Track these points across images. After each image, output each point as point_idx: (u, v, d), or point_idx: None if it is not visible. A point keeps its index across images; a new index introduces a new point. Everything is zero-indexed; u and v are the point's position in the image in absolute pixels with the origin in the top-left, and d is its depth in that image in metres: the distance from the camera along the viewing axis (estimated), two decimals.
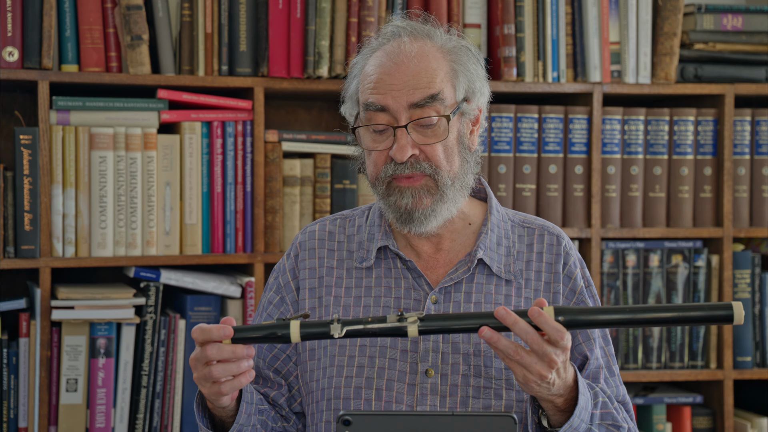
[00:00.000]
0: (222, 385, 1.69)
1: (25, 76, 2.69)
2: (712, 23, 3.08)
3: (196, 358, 1.69)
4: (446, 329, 1.68)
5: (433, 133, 1.81)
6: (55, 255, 2.71)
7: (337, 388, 1.83)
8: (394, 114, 1.80)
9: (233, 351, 1.67)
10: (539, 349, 1.64)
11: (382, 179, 1.83)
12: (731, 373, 3.06)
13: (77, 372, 2.71)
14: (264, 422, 1.86)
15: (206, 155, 2.82)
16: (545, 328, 1.64)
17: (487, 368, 1.81)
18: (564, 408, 1.73)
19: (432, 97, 1.80)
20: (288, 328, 1.68)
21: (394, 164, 1.80)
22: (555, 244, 1.92)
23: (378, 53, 1.85)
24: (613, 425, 1.81)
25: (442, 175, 1.81)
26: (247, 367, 1.69)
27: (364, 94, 1.83)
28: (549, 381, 1.66)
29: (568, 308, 1.67)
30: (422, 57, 1.82)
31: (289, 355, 1.92)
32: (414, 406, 1.81)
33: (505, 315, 1.65)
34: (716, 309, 1.66)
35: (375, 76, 1.82)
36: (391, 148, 1.80)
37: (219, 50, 2.81)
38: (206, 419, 1.80)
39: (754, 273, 3.10)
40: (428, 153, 1.81)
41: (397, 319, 1.67)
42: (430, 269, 1.89)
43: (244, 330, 1.68)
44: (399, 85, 1.80)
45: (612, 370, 1.90)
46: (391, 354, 1.83)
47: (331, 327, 1.67)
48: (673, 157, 3.06)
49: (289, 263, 1.95)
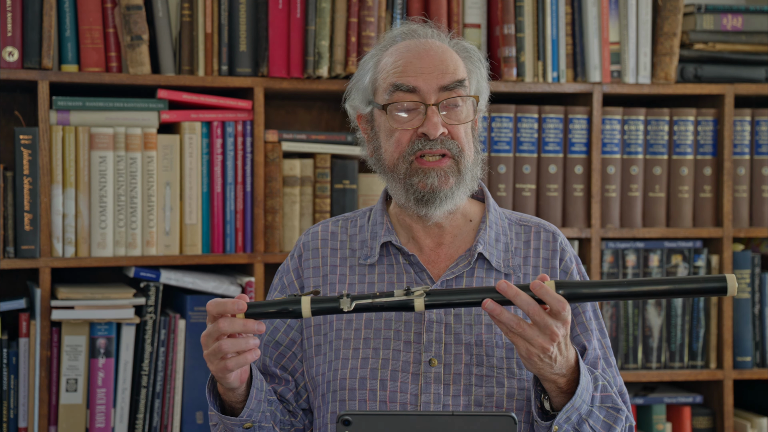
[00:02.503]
0: (228, 361, 1.74)
1: (25, 76, 2.69)
2: (712, 23, 3.08)
3: (208, 333, 1.75)
4: (451, 303, 1.74)
5: (457, 116, 1.90)
6: (55, 255, 2.71)
7: (342, 380, 1.89)
8: (424, 95, 1.88)
9: (244, 324, 1.73)
10: (541, 320, 1.69)
11: (406, 157, 1.89)
12: (731, 373, 3.06)
13: (77, 372, 2.71)
14: (273, 413, 1.92)
15: (206, 155, 2.82)
16: (547, 299, 1.70)
17: (489, 357, 1.88)
18: (566, 389, 1.79)
19: (459, 82, 1.90)
20: (299, 304, 1.74)
21: (421, 141, 1.88)
22: (551, 241, 1.99)
23: (397, 47, 1.94)
24: (612, 408, 1.86)
25: (465, 158, 1.90)
26: (254, 344, 1.75)
27: (390, 79, 1.90)
28: (551, 355, 1.71)
29: (568, 282, 1.73)
30: (445, 49, 1.93)
31: (295, 352, 1.98)
32: (418, 394, 1.87)
33: (506, 288, 1.71)
34: (710, 281, 1.72)
35: (403, 62, 1.90)
36: (421, 126, 1.88)
37: (219, 50, 2.81)
38: (217, 404, 1.86)
39: (754, 273, 3.10)
40: (454, 134, 1.90)
41: (404, 293, 1.73)
42: (432, 263, 1.96)
43: (256, 306, 1.75)
44: (429, 69, 1.89)
45: (609, 362, 1.96)
46: (394, 345, 1.89)
47: (340, 302, 1.74)
48: (673, 157, 3.06)
49: (293, 264, 2.02)
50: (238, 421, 1.85)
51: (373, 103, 1.94)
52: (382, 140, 1.93)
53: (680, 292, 1.73)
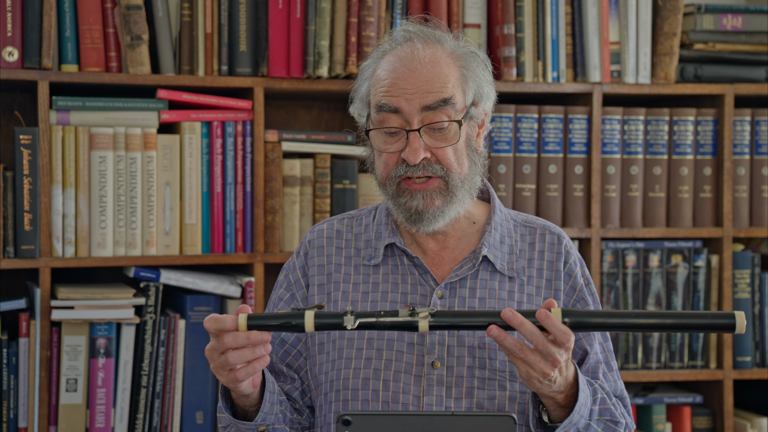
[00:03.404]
0: (237, 372, 1.73)
1: (25, 76, 2.69)
2: (712, 23, 3.08)
3: (212, 348, 1.73)
4: (456, 326, 1.73)
5: (443, 137, 1.87)
6: (55, 255, 2.71)
7: (345, 380, 1.89)
8: (407, 116, 1.85)
9: (248, 337, 1.71)
10: (544, 349, 1.69)
11: (392, 179, 1.88)
12: (731, 373, 3.06)
13: (77, 372, 2.71)
14: (283, 412, 1.91)
15: (206, 155, 2.82)
16: (552, 331, 1.69)
17: (491, 360, 1.87)
18: (564, 404, 1.78)
19: (444, 101, 1.85)
20: (302, 318, 1.72)
21: (405, 165, 1.86)
22: (556, 243, 1.98)
23: (390, 57, 1.90)
24: (611, 420, 1.86)
25: (453, 177, 1.87)
26: (261, 352, 1.73)
27: (377, 97, 1.88)
28: (551, 379, 1.71)
29: (575, 311, 1.72)
30: (435, 63, 1.87)
31: (300, 350, 1.98)
32: (420, 396, 1.86)
33: (511, 317, 1.69)
34: (719, 318, 1.71)
35: (388, 81, 1.87)
36: (403, 150, 1.86)
37: (219, 50, 2.81)
38: (229, 409, 1.86)
39: (754, 273, 3.10)
40: (439, 156, 1.86)
41: (408, 314, 1.72)
42: (436, 266, 1.95)
43: (259, 318, 1.72)
44: (412, 89, 1.85)
45: (610, 366, 1.96)
46: (398, 347, 1.89)
47: (344, 318, 1.72)
48: (673, 157, 3.06)
49: (299, 261, 2.02)
50: (252, 425, 1.84)
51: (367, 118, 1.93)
52: (375, 155, 1.93)
53: (688, 326, 1.72)
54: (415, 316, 1.71)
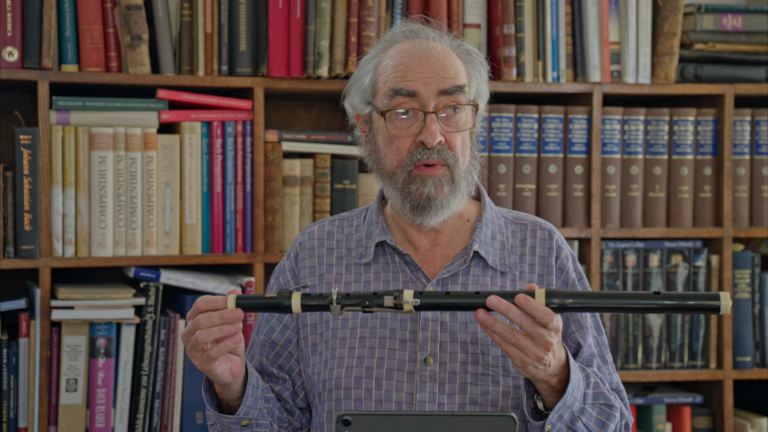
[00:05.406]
0: (210, 351, 1.75)
1: (25, 76, 2.69)
2: (712, 23, 3.08)
3: (188, 331, 1.76)
4: (441, 306, 1.75)
5: (455, 124, 1.89)
6: (55, 255, 2.71)
7: (338, 379, 1.90)
8: (424, 99, 1.87)
9: (221, 316, 1.74)
10: (533, 331, 1.70)
11: (405, 167, 1.89)
12: (731, 373, 3.06)
13: (77, 372, 2.71)
14: (270, 410, 1.92)
15: (206, 155, 2.82)
16: (534, 314, 1.70)
17: (484, 356, 1.88)
18: (559, 388, 1.79)
19: (459, 87, 1.89)
20: (290, 299, 1.75)
21: (420, 150, 1.87)
22: (547, 239, 1.99)
23: (398, 48, 1.92)
24: (605, 404, 1.87)
25: (459, 166, 1.90)
26: (229, 330, 1.75)
27: (390, 83, 1.89)
28: (546, 363, 1.72)
29: (560, 291, 1.73)
30: (446, 53, 1.91)
31: (291, 351, 1.99)
32: (414, 393, 1.87)
33: (497, 303, 1.71)
34: (704, 299, 1.71)
35: (403, 66, 1.89)
36: (420, 134, 1.87)
37: (219, 50, 2.81)
38: (213, 403, 1.87)
39: (754, 273, 3.10)
40: (451, 142, 1.89)
41: (393, 298, 1.74)
42: (428, 263, 1.97)
43: (247, 298, 1.76)
44: (429, 73, 1.88)
45: (605, 359, 1.97)
46: (390, 344, 1.90)
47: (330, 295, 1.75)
48: (673, 157, 3.06)
49: (289, 263, 2.03)
50: (235, 419, 1.85)
51: (372, 106, 1.93)
52: (380, 144, 1.93)
53: (673, 308, 1.72)
54: (399, 297, 1.73)
